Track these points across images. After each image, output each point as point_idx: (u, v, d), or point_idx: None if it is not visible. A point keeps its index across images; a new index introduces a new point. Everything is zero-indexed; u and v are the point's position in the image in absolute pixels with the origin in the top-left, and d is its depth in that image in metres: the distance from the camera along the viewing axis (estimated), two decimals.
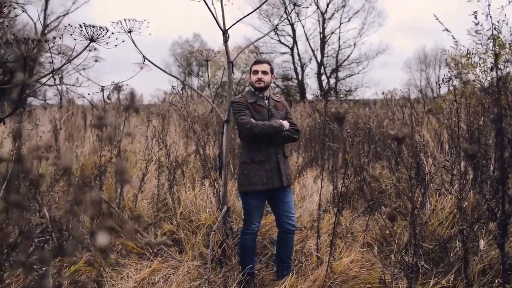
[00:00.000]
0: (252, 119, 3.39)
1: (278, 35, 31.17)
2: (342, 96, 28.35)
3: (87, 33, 2.52)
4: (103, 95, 5.32)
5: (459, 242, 3.44)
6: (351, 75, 31.60)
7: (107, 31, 2.53)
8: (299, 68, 31.87)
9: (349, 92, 30.89)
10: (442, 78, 3.61)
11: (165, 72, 4.17)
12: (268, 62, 3.69)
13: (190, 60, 31.91)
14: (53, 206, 3.98)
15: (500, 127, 1.53)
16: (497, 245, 1.61)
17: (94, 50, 3.05)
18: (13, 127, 4.35)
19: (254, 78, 3.55)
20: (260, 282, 3.74)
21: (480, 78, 4.66)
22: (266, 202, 3.67)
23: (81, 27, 2.52)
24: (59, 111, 9.66)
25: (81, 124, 9.42)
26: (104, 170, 4.74)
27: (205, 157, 5.33)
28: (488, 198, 3.17)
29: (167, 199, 5.04)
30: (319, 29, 31.06)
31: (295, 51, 31.68)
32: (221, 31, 3.69)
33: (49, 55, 2.61)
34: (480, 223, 3.70)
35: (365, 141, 6.78)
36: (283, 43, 31.82)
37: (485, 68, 4.50)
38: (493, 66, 1.92)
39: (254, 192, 3.44)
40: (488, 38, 1.90)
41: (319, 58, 31.24)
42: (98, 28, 2.52)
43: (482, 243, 3.30)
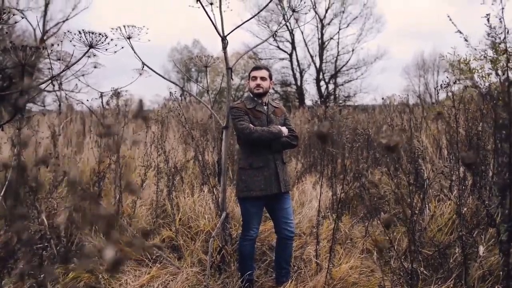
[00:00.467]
0: (251, 125, 3.39)
1: (277, 41, 31.28)
2: (341, 102, 28.37)
3: (86, 40, 2.52)
4: (102, 101, 5.33)
5: (459, 248, 3.43)
6: (350, 81, 31.68)
7: (106, 37, 2.54)
8: (298, 74, 31.95)
9: (348, 98, 30.95)
10: (441, 84, 3.62)
11: (164, 78, 4.17)
12: (267, 68, 3.70)
13: (189, 66, 31.94)
14: (52, 213, 3.97)
15: (509, 133, 1.53)
16: (501, 251, 1.61)
17: (94, 57, 3.05)
18: (12, 133, 4.35)
19: (253, 84, 3.56)
20: None
21: (479, 84, 4.68)
22: (265, 208, 3.67)
23: (80, 34, 2.52)
24: (58, 117, 9.66)
25: (80, 130, 9.41)
26: (103, 176, 4.73)
27: (204, 163, 5.32)
28: (488, 204, 3.17)
29: (166, 205, 5.03)
30: (318, 35, 31.19)
31: (294, 57, 31.78)
32: (220, 38, 3.70)
33: (49, 62, 2.62)
34: (480, 229, 3.69)
35: (364, 147, 6.78)
36: (282, 49, 31.91)
37: (483, 74, 4.52)
38: (504, 70, 1.92)
39: (252, 198, 3.44)
40: (500, 42, 1.90)
41: (318, 64, 31.33)
42: (97, 35, 2.53)
43: (482, 249, 3.30)
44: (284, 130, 3.48)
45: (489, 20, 1.94)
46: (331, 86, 31.79)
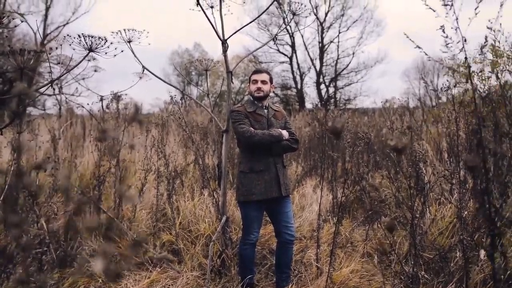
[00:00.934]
0: (251, 128, 3.39)
1: (277, 45, 31.31)
2: (342, 105, 28.38)
3: (86, 43, 2.53)
4: (102, 105, 5.33)
5: (460, 252, 3.42)
6: (350, 84, 31.68)
7: (106, 41, 2.54)
8: (298, 77, 31.96)
9: (348, 101, 30.95)
10: (441, 87, 3.62)
11: (165, 82, 4.17)
12: (267, 72, 3.70)
13: (190, 70, 31.97)
14: (52, 217, 3.96)
15: (480, 138, 1.53)
16: (488, 257, 1.61)
17: (93, 60, 3.05)
18: (12, 137, 4.34)
19: (253, 88, 3.56)
20: None
21: (479, 87, 4.67)
22: (265, 212, 3.66)
23: (80, 37, 2.53)
24: (58, 121, 9.66)
25: (80, 134, 9.41)
26: (103, 180, 4.73)
27: (204, 167, 5.32)
28: (488, 208, 3.16)
29: (166, 209, 5.02)
30: (318, 39, 31.21)
31: (294, 60, 31.79)
32: (220, 41, 3.71)
33: (49, 65, 2.62)
34: (480, 233, 3.68)
35: (364, 150, 6.77)
36: (282, 53, 31.95)
37: (483, 77, 4.51)
38: (468, 79, 1.95)
39: (253, 202, 3.43)
40: (460, 51, 1.90)
41: (318, 67, 31.34)
42: (97, 38, 2.53)
43: (483, 253, 3.28)
44: (285, 133, 3.48)
45: (445, 31, 1.94)
46: (332, 89, 31.82)
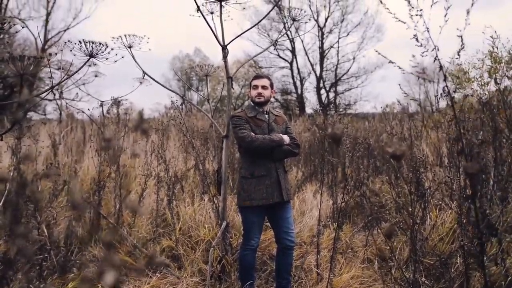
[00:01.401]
0: (252, 133, 3.40)
1: (277, 50, 31.35)
2: (342, 110, 28.38)
3: (87, 49, 2.54)
4: (103, 110, 5.34)
5: (460, 258, 3.41)
6: (350, 89, 31.68)
7: (107, 47, 2.56)
8: (298, 82, 31.98)
9: (348, 106, 30.95)
10: (441, 93, 3.62)
11: (165, 87, 4.18)
12: (268, 77, 3.71)
13: (190, 75, 32.03)
14: (52, 222, 3.96)
15: (462, 147, 1.53)
16: (477, 264, 1.60)
17: (94, 66, 3.07)
18: (12, 142, 4.34)
19: (254, 93, 3.57)
20: None
21: (478, 93, 4.68)
22: (266, 217, 3.66)
23: (81, 43, 2.54)
24: (59, 126, 9.67)
25: (81, 139, 9.42)
26: (103, 185, 4.73)
27: (205, 172, 5.32)
28: (489, 213, 3.16)
29: (166, 215, 5.02)
30: (318, 44, 31.26)
31: (294, 66, 31.82)
32: (221, 47, 3.72)
33: (49, 71, 2.63)
34: (479, 237, 3.67)
35: (365, 156, 6.78)
36: (282, 58, 31.99)
37: (483, 83, 4.53)
38: (444, 89, 1.97)
39: (254, 207, 3.43)
40: (435, 59, 1.92)
41: (318, 72, 31.37)
42: (98, 44, 2.55)
43: (483, 259, 3.27)
44: (286, 138, 3.48)
45: (418, 40, 1.97)
46: (332, 95, 31.84)
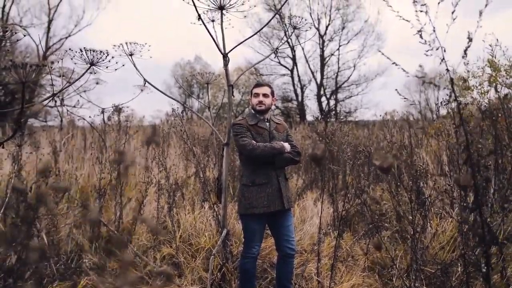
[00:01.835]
0: (253, 141, 3.40)
1: (278, 57, 31.42)
2: (342, 118, 28.40)
3: (88, 57, 2.55)
4: (104, 117, 5.35)
5: (461, 267, 3.40)
6: (351, 97, 31.71)
7: (107, 55, 2.57)
8: (299, 90, 32.01)
9: (349, 114, 30.97)
10: (441, 101, 3.63)
11: (166, 95, 4.19)
12: (269, 85, 3.72)
13: (192, 82, 32.12)
14: (52, 229, 3.96)
15: (469, 155, 1.53)
16: (482, 276, 1.60)
17: (95, 74, 3.08)
18: (13, 150, 4.35)
19: (255, 101, 3.58)
20: None
21: (478, 101, 4.69)
22: (266, 225, 3.65)
23: (82, 51, 2.55)
24: (60, 133, 9.68)
25: (81, 146, 9.42)
26: (104, 193, 4.73)
27: (205, 180, 5.32)
28: (490, 222, 3.16)
29: (167, 222, 5.01)
30: (319, 51, 31.34)
31: (295, 73, 31.87)
32: (222, 55, 3.73)
33: (50, 78, 2.64)
34: (481, 247, 3.66)
35: (365, 163, 6.77)
36: (283, 65, 32.05)
37: (482, 91, 4.54)
38: (450, 95, 1.92)
39: (255, 215, 3.42)
40: (440, 62, 1.89)
41: (319, 80, 31.40)
42: (99, 52, 2.56)
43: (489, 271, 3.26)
44: (287, 146, 3.48)
45: (422, 36, 1.92)
46: (332, 102, 31.87)
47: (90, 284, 3.65)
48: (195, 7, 3.52)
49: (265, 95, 3.59)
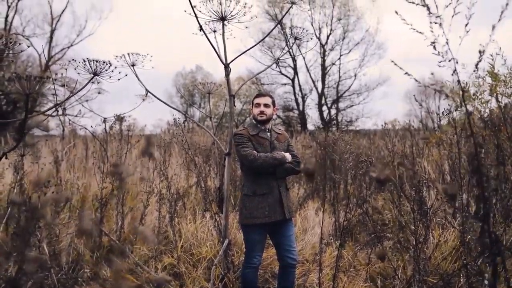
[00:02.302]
0: (255, 151, 3.41)
1: (279, 67, 31.50)
2: (343, 127, 28.42)
3: (91, 67, 2.57)
4: (105, 127, 5.37)
5: (463, 277, 3.39)
6: (352, 106, 31.76)
7: (110, 65, 2.58)
8: (300, 99, 32.08)
9: (350, 123, 31.00)
10: (442, 111, 3.65)
11: (168, 105, 4.21)
12: (270, 95, 3.74)
13: (193, 92, 32.23)
14: (54, 239, 3.95)
15: (478, 165, 1.53)
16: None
17: (98, 83, 3.10)
18: (15, 159, 4.37)
19: (256, 111, 3.59)
20: None
21: (480, 110, 4.70)
22: (268, 235, 3.64)
23: (85, 62, 2.57)
24: (61, 142, 9.71)
25: (83, 155, 9.44)
26: (105, 202, 4.73)
27: (206, 189, 5.31)
28: (479, 232, 3.14)
29: (168, 232, 5.00)
30: (320, 61, 31.44)
31: (296, 82, 31.95)
32: (223, 65, 3.75)
33: (53, 87, 2.65)
34: (484, 257, 3.65)
35: (367, 173, 6.77)
36: (284, 74, 32.14)
37: (483, 101, 4.54)
38: (461, 102, 1.92)
39: (256, 225, 3.42)
40: (452, 73, 1.90)
41: (320, 89, 31.47)
42: (102, 63, 2.58)
43: (487, 278, 3.25)
44: (288, 156, 3.49)
45: (435, 48, 1.93)
46: (333, 111, 31.92)
47: None
48: (197, 18, 3.54)
49: (266, 105, 3.60)
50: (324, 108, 31.73)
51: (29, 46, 2.65)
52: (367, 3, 36.31)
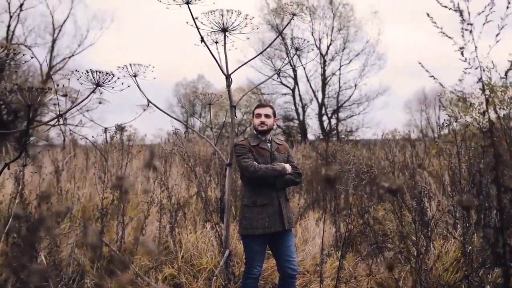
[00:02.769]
0: (255, 162, 3.42)
1: (280, 77, 31.53)
2: (343, 137, 28.39)
3: (94, 78, 2.59)
4: (106, 136, 5.38)
5: None
6: (352, 116, 31.78)
7: (113, 76, 2.60)
8: (300, 109, 32.09)
9: (350, 133, 31.00)
10: (442, 122, 3.66)
11: (169, 116, 4.23)
12: (271, 106, 3.76)
13: (194, 102, 32.30)
14: (54, 250, 3.94)
15: (496, 174, 1.54)
16: None
17: (101, 94, 3.12)
18: (15, 169, 4.37)
19: (257, 122, 3.61)
20: None
21: (478, 120, 4.72)
22: (268, 245, 3.64)
23: (88, 73, 2.59)
24: (62, 152, 9.71)
25: (84, 165, 9.44)
26: (106, 213, 4.72)
27: (207, 200, 5.31)
28: (493, 243, 3.14)
29: (168, 242, 4.99)
30: (320, 71, 31.51)
31: (297, 92, 31.99)
32: (224, 76, 3.77)
33: (56, 98, 2.67)
34: (485, 268, 3.64)
35: (368, 183, 6.76)
36: (285, 84, 32.18)
37: (481, 111, 4.56)
38: (484, 111, 1.93)
39: (256, 236, 3.42)
40: (478, 81, 1.91)
41: (320, 99, 31.50)
42: (104, 74, 2.60)
43: None
44: (288, 167, 3.50)
45: (463, 54, 1.94)
46: (334, 121, 31.94)
47: None
48: (198, 30, 3.58)
49: (267, 116, 3.62)
50: (325, 118, 31.76)
51: (32, 57, 2.68)
52: (368, 15, 36.55)
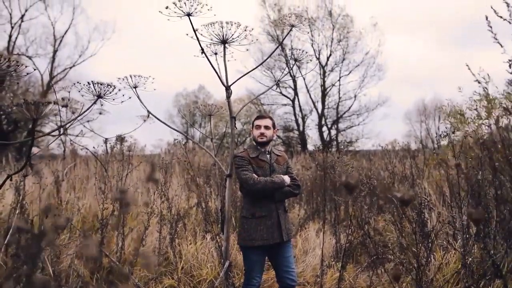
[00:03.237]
0: (255, 175, 3.43)
1: (280, 88, 31.57)
2: (343, 147, 28.40)
3: (95, 90, 2.61)
4: (107, 147, 5.40)
5: None
6: (352, 127, 31.83)
7: (114, 88, 2.63)
8: (300, 120, 32.14)
9: (350, 143, 31.00)
10: (441, 134, 3.69)
11: (169, 127, 4.24)
12: (270, 117, 3.78)
13: (194, 112, 32.37)
14: (54, 260, 3.94)
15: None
16: None
17: (102, 105, 3.14)
18: (16, 180, 4.38)
19: (257, 133, 3.63)
20: None
21: (477, 132, 4.74)
22: (266, 257, 3.64)
23: (89, 84, 2.62)
24: (62, 162, 9.73)
25: (84, 176, 9.45)
26: (106, 223, 4.73)
27: (207, 210, 5.31)
28: (493, 254, 3.15)
29: (168, 253, 4.98)
30: (320, 82, 31.61)
31: (296, 103, 32.07)
32: (224, 87, 3.80)
33: (58, 109, 2.69)
34: (486, 279, 3.64)
35: (367, 194, 6.76)
36: (285, 95, 32.27)
37: (479, 123, 4.59)
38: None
39: (255, 247, 3.43)
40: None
41: (320, 110, 31.57)
42: (106, 85, 2.62)
43: None
44: (287, 179, 3.51)
45: (511, 66, 1.95)
46: (333, 132, 31.98)
47: None
48: (199, 42, 3.60)
49: (267, 127, 3.64)
50: (324, 129, 31.80)
51: (35, 69, 2.71)
52: (368, 26, 36.76)
